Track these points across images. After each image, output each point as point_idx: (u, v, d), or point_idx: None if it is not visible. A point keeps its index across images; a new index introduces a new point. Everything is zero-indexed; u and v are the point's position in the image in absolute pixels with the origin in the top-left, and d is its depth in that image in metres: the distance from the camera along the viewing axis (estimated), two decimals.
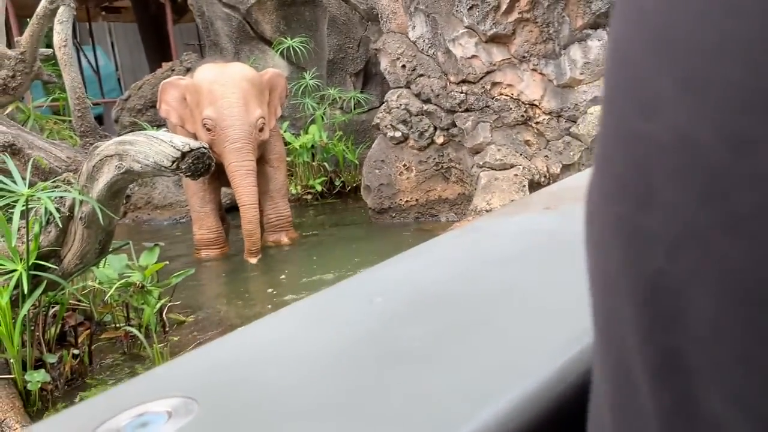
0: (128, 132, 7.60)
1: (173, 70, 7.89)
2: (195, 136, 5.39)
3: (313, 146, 7.47)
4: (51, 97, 5.54)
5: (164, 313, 3.68)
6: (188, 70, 7.56)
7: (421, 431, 0.33)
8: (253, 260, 5.22)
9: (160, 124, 7.61)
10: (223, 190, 6.12)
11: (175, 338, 3.64)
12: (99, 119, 11.86)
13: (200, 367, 0.42)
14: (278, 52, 7.61)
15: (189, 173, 2.32)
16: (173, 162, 2.30)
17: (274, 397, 0.37)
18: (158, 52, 11.35)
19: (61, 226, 2.65)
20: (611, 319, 0.23)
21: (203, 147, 2.34)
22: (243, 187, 5.14)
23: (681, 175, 0.19)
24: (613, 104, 0.22)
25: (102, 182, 2.51)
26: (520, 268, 0.54)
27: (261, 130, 5.30)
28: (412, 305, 0.48)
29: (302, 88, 7.48)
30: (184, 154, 2.30)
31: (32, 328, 3.02)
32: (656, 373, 0.21)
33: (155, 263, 3.63)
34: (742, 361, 0.18)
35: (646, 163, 0.20)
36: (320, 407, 0.35)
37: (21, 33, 4.82)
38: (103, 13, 13.74)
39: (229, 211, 6.68)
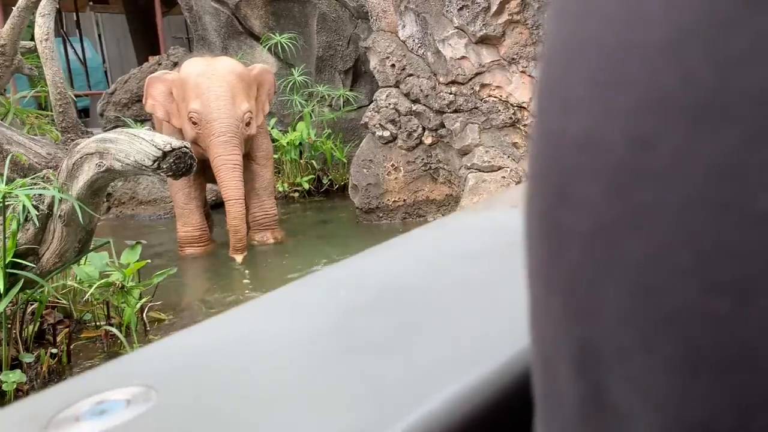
0: (113, 126, 7.51)
1: (160, 64, 7.81)
2: (181, 132, 5.32)
3: (300, 144, 7.43)
4: (34, 90, 5.43)
5: (145, 313, 3.62)
6: (175, 64, 7.48)
7: (374, 414, 0.34)
8: (239, 258, 5.15)
9: (145, 118, 7.53)
10: (209, 186, 6.06)
11: (156, 338, 3.59)
12: (85, 112, 11.73)
13: (161, 358, 0.42)
14: (267, 48, 7.55)
15: (170, 173, 2.28)
16: (154, 161, 2.25)
17: (233, 384, 0.38)
18: (147, 44, 11.22)
19: (39, 224, 2.59)
20: (538, 311, 0.25)
21: (185, 146, 2.29)
22: (229, 181, 5.06)
23: (591, 171, 0.20)
24: (540, 101, 0.23)
25: (82, 180, 2.46)
26: (481, 264, 0.55)
27: (248, 124, 5.23)
28: (376, 298, 0.49)
29: (290, 84, 7.43)
30: (165, 154, 2.25)
31: (9, 326, 2.96)
32: (572, 363, 0.22)
33: (137, 261, 3.59)
34: (639, 346, 0.19)
35: (563, 160, 0.21)
36: (277, 393, 0.37)
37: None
38: (91, 3, 13.58)
39: (214, 208, 6.63)
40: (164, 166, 2.28)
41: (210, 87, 5.06)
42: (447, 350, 0.40)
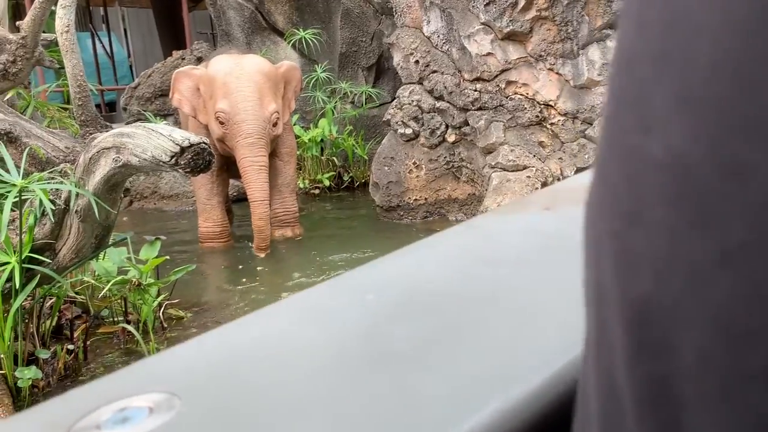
0: (136, 121, 7.53)
1: (183, 58, 7.81)
2: (207, 128, 5.32)
3: (322, 140, 7.37)
4: (55, 83, 5.44)
5: (162, 309, 3.58)
6: (199, 59, 7.47)
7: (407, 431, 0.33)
8: (262, 255, 5.15)
9: (168, 113, 7.53)
10: (231, 181, 6.04)
11: (173, 335, 3.56)
12: (111, 106, 11.82)
13: (184, 363, 0.42)
14: (290, 44, 7.50)
15: (188, 169, 2.22)
16: (172, 157, 2.19)
17: (259, 393, 0.37)
18: (173, 39, 11.25)
19: (55, 219, 2.56)
20: (602, 333, 0.23)
21: (203, 142, 2.23)
22: (255, 182, 5.06)
23: (672, 196, 0.18)
24: (613, 114, 0.22)
25: (99, 175, 2.41)
26: (514, 270, 0.54)
27: (275, 124, 5.21)
28: (405, 304, 0.48)
29: (313, 80, 7.37)
30: (183, 149, 2.20)
31: (26, 320, 2.94)
32: (643, 399, 0.20)
33: (155, 257, 3.55)
34: (726, 396, 0.17)
35: (639, 179, 0.20)
36: (306, 405, 0.35)
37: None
38: None
39: (235, 202, 6.61)
40: (182, 162, 2.22)
41: (238, 87, 5.05)
42: (481, 364, 0.39)
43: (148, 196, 7.43)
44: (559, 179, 5.32)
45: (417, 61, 5.78)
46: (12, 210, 2.61)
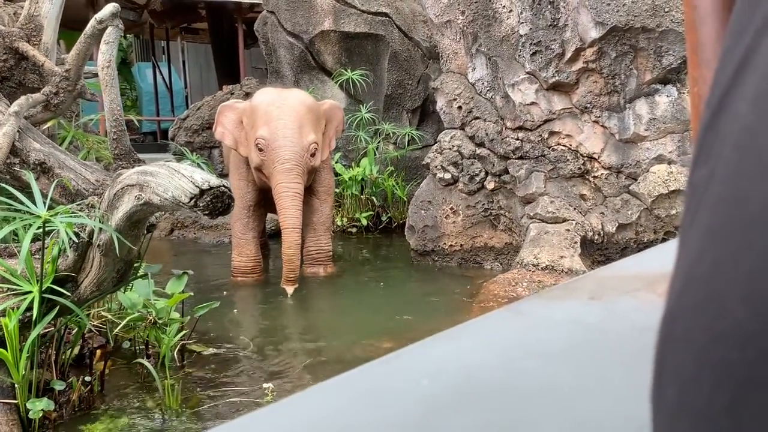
0: (182, 153, 7.68)
1: (232, 93, 7.98)
2: (247, 160, 5.38)
3: (363, 179, 7.38)
4: (98, 115, 5.61)
5: (180, 347, 3.54)
6: (248, 94, 7.62)
7: None
8: (290, 289, 5.08)
9: (213, 146, 7.68)
10: (269, 216, 6.07)
11: (192, 370, 3.52)
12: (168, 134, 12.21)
13: None
14: (337, 83, 7.59)
15: (207, 212, 2.20)
16: (191, 198, 2.18)
17: None
18: (229, 73, 11.60)
19: (78, 251, 2.57)
20: None
21: (223, 185, 2.22)
22: (288, 209, 5.04)
23: None
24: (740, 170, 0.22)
25: (121, 212, 2.42)
26: (561, 365, 0.55)
27: (313, 155, 5.23)
28: (458, 394, 0.49)
29: (357, 120, 7.42)
30: (203, 192, 2.19)
31: (45, 349, 2.95)
32: None
33: (180, 293, 3.54)
34: None
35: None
36: None
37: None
38: (182, 33, 14.21)
39: (272, 237, 6.64)
40: (201, 204, 2.21)
41: (279, 116, 5.11)
42: None
43: (189, 226, 7.53)
44: (599, 234, 5.14)
45: (460, 107, 5.74)
46: (39, 240, 2.64)
